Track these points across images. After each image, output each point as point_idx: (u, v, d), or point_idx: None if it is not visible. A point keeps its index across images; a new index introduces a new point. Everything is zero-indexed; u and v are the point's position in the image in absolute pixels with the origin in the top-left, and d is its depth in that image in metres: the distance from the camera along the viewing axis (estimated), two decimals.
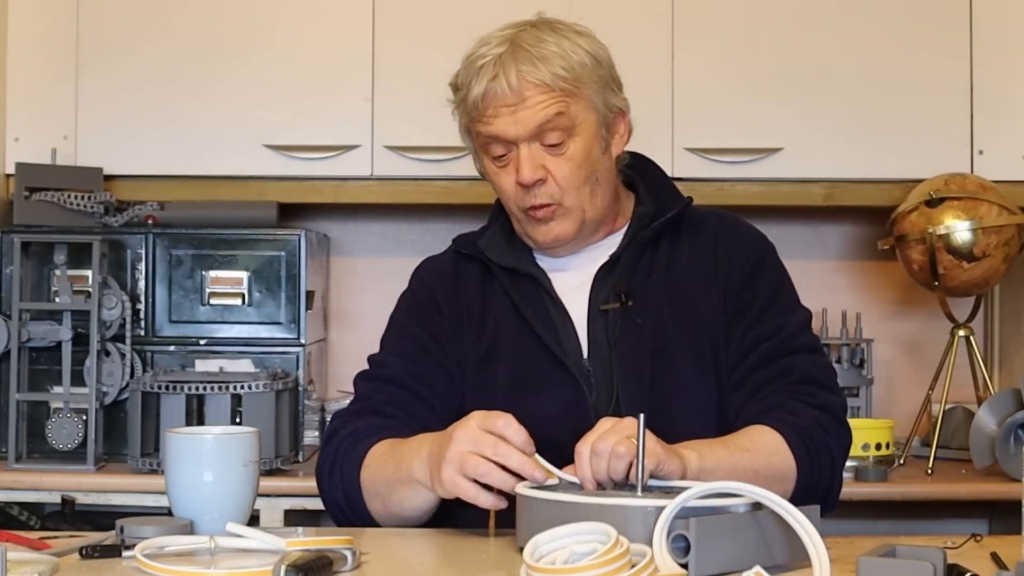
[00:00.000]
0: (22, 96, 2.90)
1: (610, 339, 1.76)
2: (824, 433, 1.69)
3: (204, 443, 1.57)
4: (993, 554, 1.41)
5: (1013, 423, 2.55)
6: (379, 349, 1.87)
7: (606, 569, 1.16)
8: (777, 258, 1.86)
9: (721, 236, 1.84)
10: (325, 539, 1.40)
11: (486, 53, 1.74)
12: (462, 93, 1.76)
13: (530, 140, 1.73)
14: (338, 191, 2.91)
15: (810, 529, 1.30)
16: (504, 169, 1.77)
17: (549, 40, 1.73)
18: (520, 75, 1.71)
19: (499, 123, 1.73)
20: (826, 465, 1.68)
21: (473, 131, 1.78)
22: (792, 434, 1.66)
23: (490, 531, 1.59)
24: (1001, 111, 2.86)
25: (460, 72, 1.78)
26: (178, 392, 2.57)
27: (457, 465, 1.49)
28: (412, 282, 1.91)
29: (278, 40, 2.89)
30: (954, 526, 2.92)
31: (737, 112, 2.87)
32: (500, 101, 1.72)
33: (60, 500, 2.58)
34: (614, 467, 1.45)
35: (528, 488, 1.44)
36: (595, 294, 1.80)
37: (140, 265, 2.78)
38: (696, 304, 1.79)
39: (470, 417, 1.52)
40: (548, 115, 1.71)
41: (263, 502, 2.50)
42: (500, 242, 1.85)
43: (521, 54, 1.72)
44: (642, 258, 1.81)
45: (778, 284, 1.83)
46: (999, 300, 3.17)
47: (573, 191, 1.76)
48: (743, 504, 1.37)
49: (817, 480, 1.67)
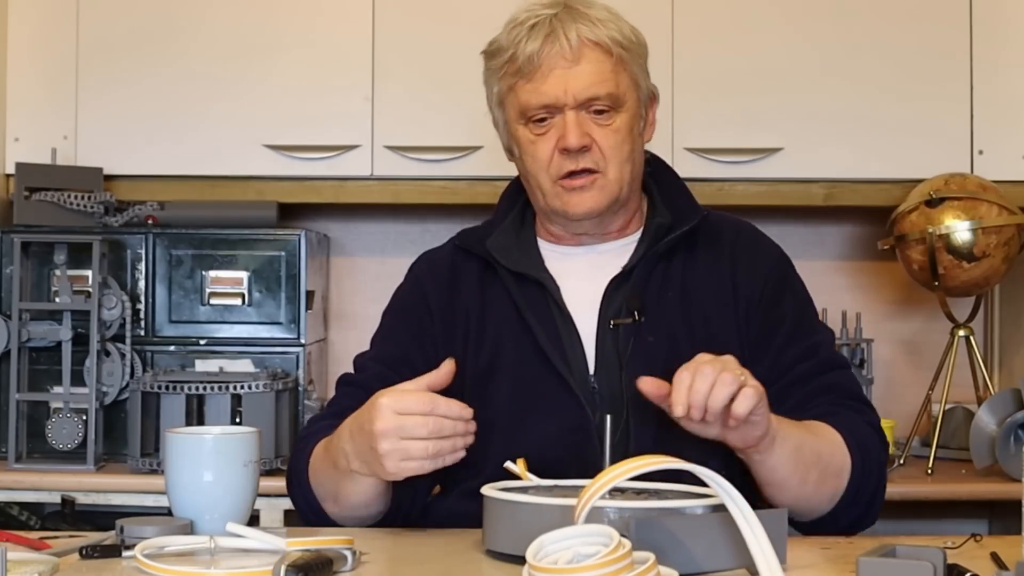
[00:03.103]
0: (22, 96, 2.90)
1: (621, 357, 1.69)
2: (877, 447, 1.67)
3: (204, 443, 1.57)
4: (993, 554, 1.41)
5: (1013, 423, 2.55)
6: (369, 347, 1.83)
7: (607, 570, 1.16)
8: (796, 273, 1.82)
9: (740, 253, 1.78)
10: (325, 539, 1.40)
11: (537, 13, 1.70)
12: (507, 54, 1.70)
13: (578, 106, 1.68)
14: (338, 191, 2.91)
15: (759, 532, 1.27)
16: (543, 136, 1.71)
17: (600, 6, 1.72)
18: (580, 32, 1.67)
19: (551, 83, 1.67)
20: (875, 476, 1.66)
21: (512, 95, 1.72)
22: (850, 438, 1.63)
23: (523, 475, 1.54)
24: (1001, 111, 2.86)
25: (501, 36, 1.73)
26: (178, 392, 2.57)
27: (399, 455, 1.46)
28: (407, 280, 1.86)
29: (278, 40, 2.89)
30: (954, 526, 2.92)
31: (737, 112, 2.87)
32: (555, 59, 1.67)
33: (60, 500, 2.58)
34: (717, 392, 1.42)
35: (494, 489, 1.44)
36: (606, 308, 1.73)
37: (140, 265, 2.78)
38: (710, 323, 1.73)
39: (379, 407, 1.48)
40: (602, 78, 1.68)
41: (263, 502, 2.50)
42: (510, 243, 1.79)
43: (577, 14, 1.69)
44: (655, 272, 1.75)
45: (804, 303, 1.79)
46: (999, 300, 3.17)
47: (616, 163, 1.71)
48: (701, 506, 1.35)
49: (864, 487, 1.64)
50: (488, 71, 1.75)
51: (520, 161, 1.77)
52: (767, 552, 1.26)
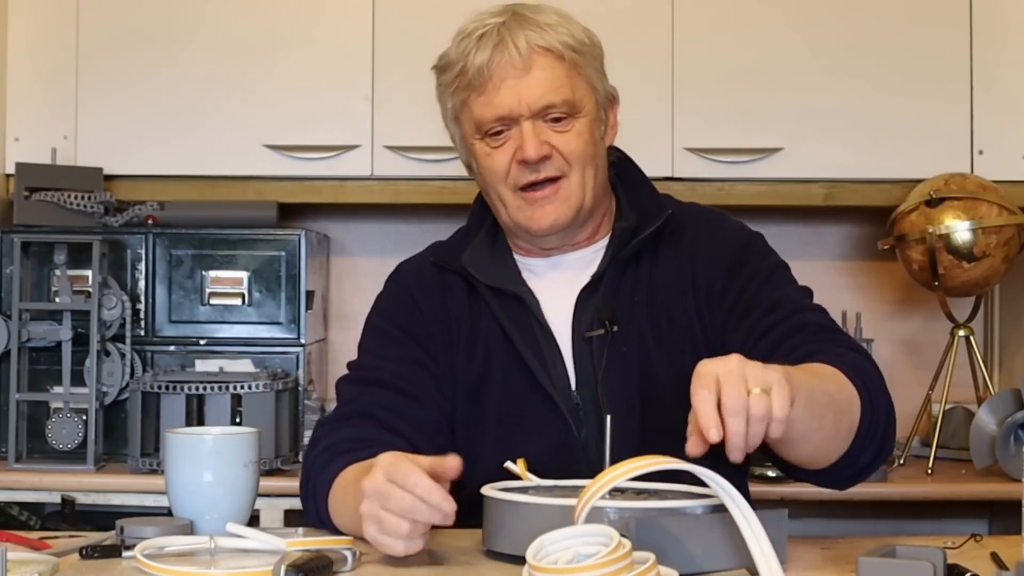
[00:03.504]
0: (22, 96, 2.90)
1: (596, 370, 1.66)
2: (875, 374, 1.56)
3: (204, 443, 1.57)
4: (993, 554, 1.41)
5: (1013, 423, 2.55)
6: (358, 355, 1.77)
7: (608, 570, 1.16)
8: (763, 248, 1.74)
9: (699, 245, 1.72)
10: (325, 539, 1.40)
11: (484, 23, 1.65)
12: (457, 68, 1.66)
13: (533, 116, 1.64)
14: (338, 191, 2.91)
15: (759, 532, 1.26)
16: (500, 149, 1.66)
17: (549, 11, 1.67)
18: (529, 39, 1.63)
19: (503, 94, 1.63)
20: (884, 403, 1.55)
21: (466, 110, 1.67)
22: (849, 370, 1.51)
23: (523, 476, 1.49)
24: (1001, 111, 2.86)
25: (451, 49, 1.68)
26: (178, 392, 2.57)
27: (375, 524, 1.36)
28: (388, 285, 1.81)
29: (278, 40, 2.89)
30: (954, 526, 2.92)
31: (737, 112, 2.87)
32: (506, 69, 1.62)
33: (60, 500, 2.58)
34: (754, 432, 1.27)
35: (494, 490, 1.44)
36: (578, 319, 1.70)
37: (140, 265, 2.78)
38: (675, 322, 1.68)
39: (378, 466, 1.38)
40: (556, 84, 1.63)
41: (263, 502, 2.50)
42: (485, 256, 1.74)
43: (525, 21, 1.65)
44: (625, 277, 1.71)
45: (769, 270, 1.70)
46: (999, 300, 3.17)
47: (579, 168, 1.66)
48: (701, 506, 1.35)
49: (877, 417, 1.53)
50: (440, 87, 1.71)
51: (479, 176, 1.72)
52: (767, 552, 1.26)
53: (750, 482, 2.53)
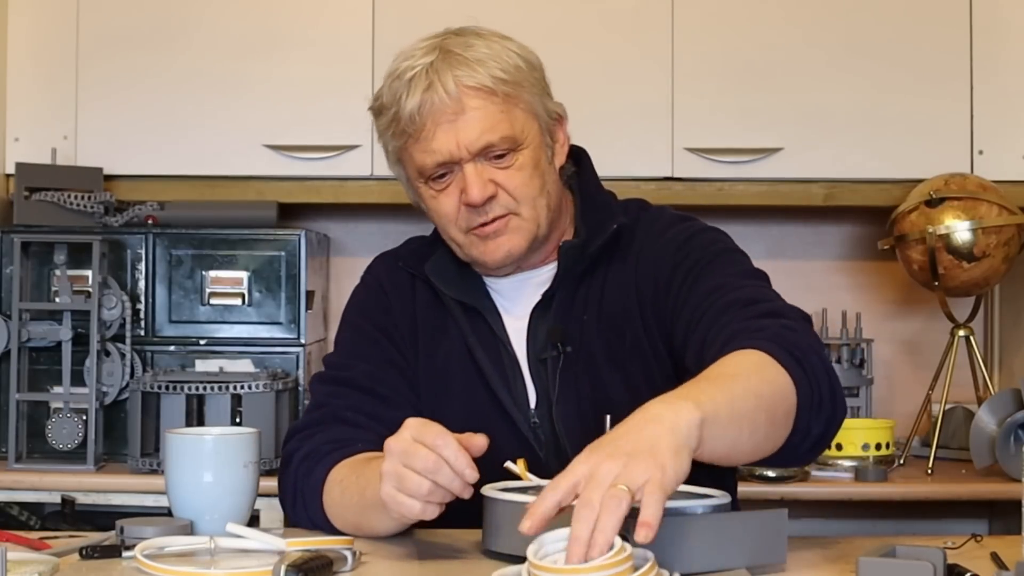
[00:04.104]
0: (22, 96, 2.90)
1: (550, 393, 1.64)
2: (805, 343, 1.45)
3: (204, 443, 1.56)
4: (993, 554, 1.41)
5: (1013, 423, 2.55)
6: (334, 347, 1.76)
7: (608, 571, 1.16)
8: (711, 237, 1.66)
9: (642, 254, 1.67)
10: (325, 539, 1.40)
11: (414, 64, 1.59)
12: (391, 112, 1.61)
13: (474, 157, 1.58)
14: (338, 191, 2.91)
15: None
16: (444, 192, 1.62)
17: (478, 44, 1.61)
18: (457, 80, 1.57)
19: (439, 139, 1.58)
20: (821, 370, 1.44)
21: (407, 154, 1.63)
22: (776, 349, 1.41)
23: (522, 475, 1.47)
24: (1001, 111, 2.86)
25: (384, 91, 1.63)
26: (178, 392, 2.57)
27: (395, 481, 1.36)
28: (365, 277, 1.79)
29: (278, 40, 2.89)
30: (954, 526, 2.92)
31: (737, 112, 2.87)
32: (438, 113, 1.57)
33: (60, 500, 2.58)
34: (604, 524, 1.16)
35: (494, 490, 1.44)
36: (532, 339, 1.67)
37: (140, 265, 2.78)
38: (623, 336, 1.64)
39: (405, 427, 1.37)
40: (492, 123, 1.57)
41: (263, 502, 2.49)
42: (450, 266, 1.71)
43: (454, 59, 1.58)
44: (576, 296, 1.67)
45: (711, 257, 1.62)
46: (999, 300, 3.17)
47: (528, 201, 1.61)
48: (701, 506, 1.35)
49: (818, 388, 1.43)
50: (378, 129, 1.66)
51: (429, 215, 1.69)
52: None
53: (750, 482, 2.56)
